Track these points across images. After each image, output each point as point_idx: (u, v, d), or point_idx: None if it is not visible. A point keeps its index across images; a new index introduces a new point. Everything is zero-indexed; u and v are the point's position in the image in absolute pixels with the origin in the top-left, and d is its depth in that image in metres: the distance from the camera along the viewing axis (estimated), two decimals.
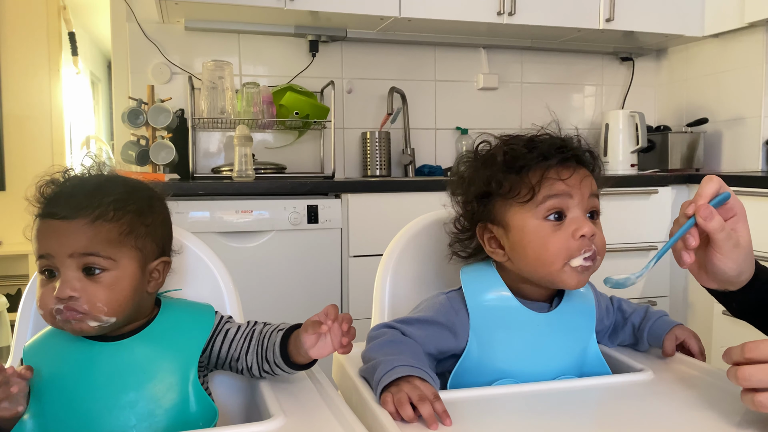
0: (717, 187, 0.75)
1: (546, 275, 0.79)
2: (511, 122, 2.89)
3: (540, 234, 0.78)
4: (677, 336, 0.89)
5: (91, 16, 4.41)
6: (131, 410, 0.72)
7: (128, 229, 0.73)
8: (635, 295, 2.30)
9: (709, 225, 0.73)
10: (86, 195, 0.73)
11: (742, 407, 0.65)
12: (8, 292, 3.54)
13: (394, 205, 2.04)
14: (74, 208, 0.71)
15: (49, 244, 0.71)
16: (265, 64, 2.57)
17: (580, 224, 0.78)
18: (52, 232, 0.71)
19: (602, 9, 2.50)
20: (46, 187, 0.74)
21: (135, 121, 2.14)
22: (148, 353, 0.75)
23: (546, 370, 0.82)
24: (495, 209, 0.83)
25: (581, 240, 0.78)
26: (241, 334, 0.81)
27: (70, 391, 0.72)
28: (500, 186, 0.81)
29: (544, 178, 0.79)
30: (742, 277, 0.78)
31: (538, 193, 0.78)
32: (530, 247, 0.79)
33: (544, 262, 0.78)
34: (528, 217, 0.79)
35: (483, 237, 0.85)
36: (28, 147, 3.91)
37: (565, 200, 0.79)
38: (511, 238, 0.81)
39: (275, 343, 0.78)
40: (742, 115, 2.60)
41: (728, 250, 0.75)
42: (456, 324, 0.82)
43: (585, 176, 0.82)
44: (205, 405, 0.75)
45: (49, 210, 0.72)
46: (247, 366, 0.81)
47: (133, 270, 0.74)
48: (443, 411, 0.67)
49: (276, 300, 1.97)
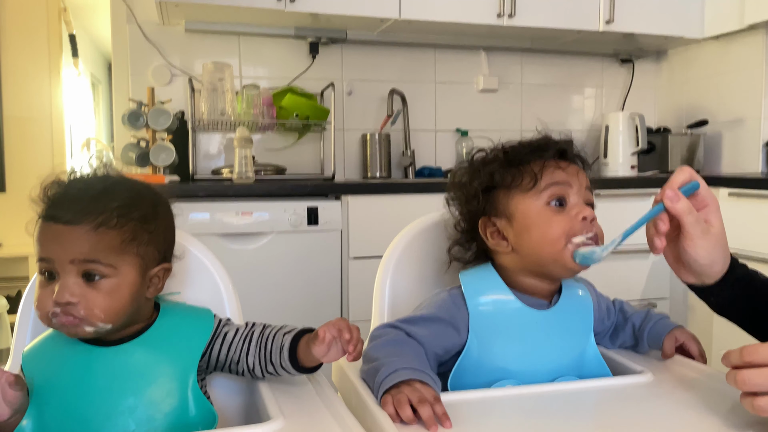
0: (687, 177, 0.78)
1: (550, 255, 0.82)
2: (511, 124, 2.89)
3: (543, 217, 0.82)
4: (677, 338, 0.89)
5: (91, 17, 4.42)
6: (130, 415, 0.71)
7: (131, 236, 0.73)
8: (636, 296, 2.30)
9: (676, 206, 0.75)
10: (91, 199, 0.72)
11: (742, 410, 0.65)
12: (8, 294, 3.53)
13: (395, 206, 2.04)
14: (78, 213, 0.70)
15: (51, 248, 0.70)
16: (266, 66, 2.57)
17: (581, 208, 0.82)
18: (55, 236, 0.70)
19: (602, 11, 2.50)
20: (51, 187, 0.73)
21: (135, 123, 2.14)
22: (147, 358, 0.75)
23: (545, 369, 0.83)
24: (497, 202, 0.86)
25: (583, 222, 0.81)
26: (240, 337, 0.81)
27: (70, 396, 0.72)
28: (503, 178, 0.85)
29: (544, 167, 0.83)
30: (716, 267, 0.80)
31: (540, 180, 0.83)
32: (535, 228, 0.82)
33: (549, 240, 0.81)
34: (531, 203, 0.83)
35: (486, 231, 0.87)
36: (28, 149, 3.91)
37: (566, 188, 0.83)
38: (516, 225, 0.84)
39: (283, 347, 0.78)
40: (742, 116, 2.60)
41: (697, 235, 0.77)
42: (458, 320, 0.83)
43: (579, 170, 0.86)
44: (205, 409, 0.75)
45: (53, 213, 0.71)
46: (248, 368, 0.81)
47: (133, 277, 0.74)
48: (443, 413, 0.67)
49: (276, 302, 1.97)
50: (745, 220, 1.96)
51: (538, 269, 0.84)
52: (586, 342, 0.86)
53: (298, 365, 0.78)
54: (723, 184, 2.05)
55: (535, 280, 0.85)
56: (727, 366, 0.64)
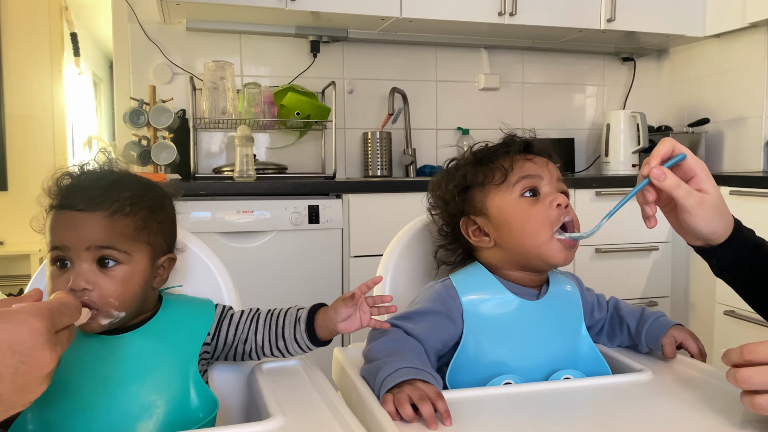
0: (670, 148, 0.76)
1: (534, 248, 0.84)
2: (512, 122, 2.88)
3: (520, 209, 0.85)
4: (675, 338, 0.88)
5: (93, 16, 4.42)
6: (133, 402, 0.73)
7: (143, 224, 0.75)
8: (637, 295, 2.30)
9: (664, 184, 0.74)
10: (104, 189, 0.74)
11: (742, 408, 0.65)
12: (10, 292, 3.54)
13: (395, 205, 2.04)
14: (92, 201, 0.72)
15: (67, 235, 0.71)
16: (267, 65, 2.58)
17: (555, 196, 0.84)
18: (70, 223, 0.72)
19: (603, 9, 2.50)
20: (63, 178, 0.75)
21: (136, 122, 2.14)
22: (150, 347, 0.76)
23: (541, 362, 0.83)
24: (474, 200, 0.89)
25: (558, 209, 0.84)
26: (247, 317, 0.84)
27: (72, 384, 0.73)
28: (475, 176, 0.88)
29: (514, 162, 0.87)
30: (719, 233, 0.80)
31: (511, 174, 0.86)
32: (514, 221, 0.84)
33: (530, 233, 0.83)
34: (506, 197, 0.86)
35: (468, 230, 0.89)
36: (30, 147, 3.92)
37: (536, 180, 0.86)
38: (494, 220, 0.86)
39: (300, 319, 0.82)
40: (744, 115, 2.60)
41: (693, 207, 0.76)
42: (454, 311, 0.84)
43: (549, 162, 0.88)
44: (206, 396, 0.77)
45: (67, 201, 0.72)
46: (255, 345, 0.83)
47: (144, 265, 0.76)
48: (445, 410, 0.67)
49: (277, 300, 1.96)
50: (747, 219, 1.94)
51: (523, 261, 0.86)
52: (578, 332, 0.87)
53: (314, 338, 0.81)
54: (724, 182, 2.05)
55: (521, 272, 0.87)
56: (727, 364, 0.64)
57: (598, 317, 0.94)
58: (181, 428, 0.73)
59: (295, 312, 0.83)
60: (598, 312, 0.94)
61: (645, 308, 0.94)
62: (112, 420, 0.72)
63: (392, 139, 2.64)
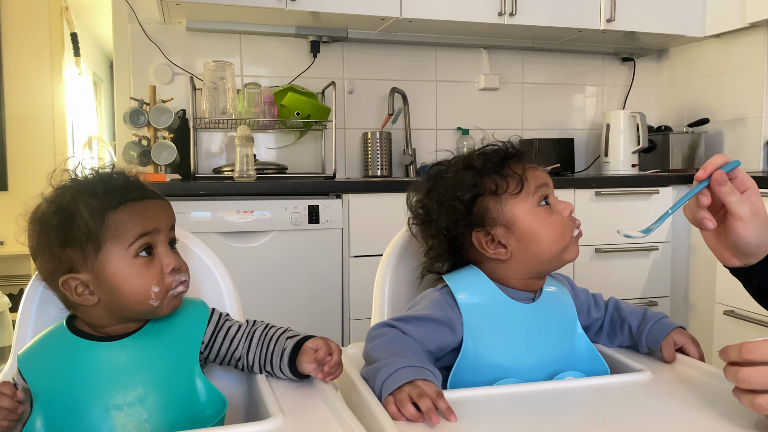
0: (724, 160, 0.79)
1: (559, 252, 0.85)
2: (512, 123, 2.89)
3: (543, 217, 0.85)
4: (675, 341, 0.88)
5: (93, 16, 4.42)
6: (141, 405, 0.73)
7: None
8: (637, 295, 2.30)
9: (723, 188, 0.77)
10: (145, 184, 0.80)
11: (742, 408, 0.65)
12: (10, 291, 3.54)
13: (395, 205, 2.01)
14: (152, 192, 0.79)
15: (157, 219, 0.76)
16: (267, 65, 2.58)
17: (566, 204, 0.86)
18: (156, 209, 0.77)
19: (603, 9, 2.50)
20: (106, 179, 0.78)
21: (137, 122, 2.14)
22: (151, 349, 0.77)
23: (542, 363, 0.83)
24: (488, 210, 0.85)
25: (570, 216, 0.87)
26: (243, 333, 0.83)
27: (77, 394, 0.73)
28: (484, 185, 0.85)
29: (525, 170, 0.85)
30: (764, 247, 0.80)
31: (527, 183, 0.85)
32: (540, 231, 0.84)
33: (558, 239, 0.84)
34: (527, 206, 0.85)
35: (482, 243, 0.86)
36: (30, 147, 3.91)
37: (547, 188, 0.86)
38: (517, 230, 0.84)
39: (284, 351, 0.80)
40: (743, 115, 2.60)
41: (747, 215, 0.78)
42: (453, 319, 0.83)
43: (545, 169, 0.90)
44: (214, 395, 0.77)
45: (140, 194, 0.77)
46: (247, 364, 0.83)
47: None
48: (447, 408, 0.67)
49: (277, 300, 1.97)
50: None
51: (540, 268, 0.86)
52: (573, 331, 0.88)
53: (296, 371, 0.80)
54: None
55: (530, 279, 0.87)
56: (724, 360, 0.64)
57: (596, 316, 0.94)
58: (191, 427, 0.73)
59: (284, 342, 0.81)
60: (596, 311, 0.94)
61: (647, 309, 0.94)
62: (121, 422, 0.72)
63: (392, 139, 2.64)
